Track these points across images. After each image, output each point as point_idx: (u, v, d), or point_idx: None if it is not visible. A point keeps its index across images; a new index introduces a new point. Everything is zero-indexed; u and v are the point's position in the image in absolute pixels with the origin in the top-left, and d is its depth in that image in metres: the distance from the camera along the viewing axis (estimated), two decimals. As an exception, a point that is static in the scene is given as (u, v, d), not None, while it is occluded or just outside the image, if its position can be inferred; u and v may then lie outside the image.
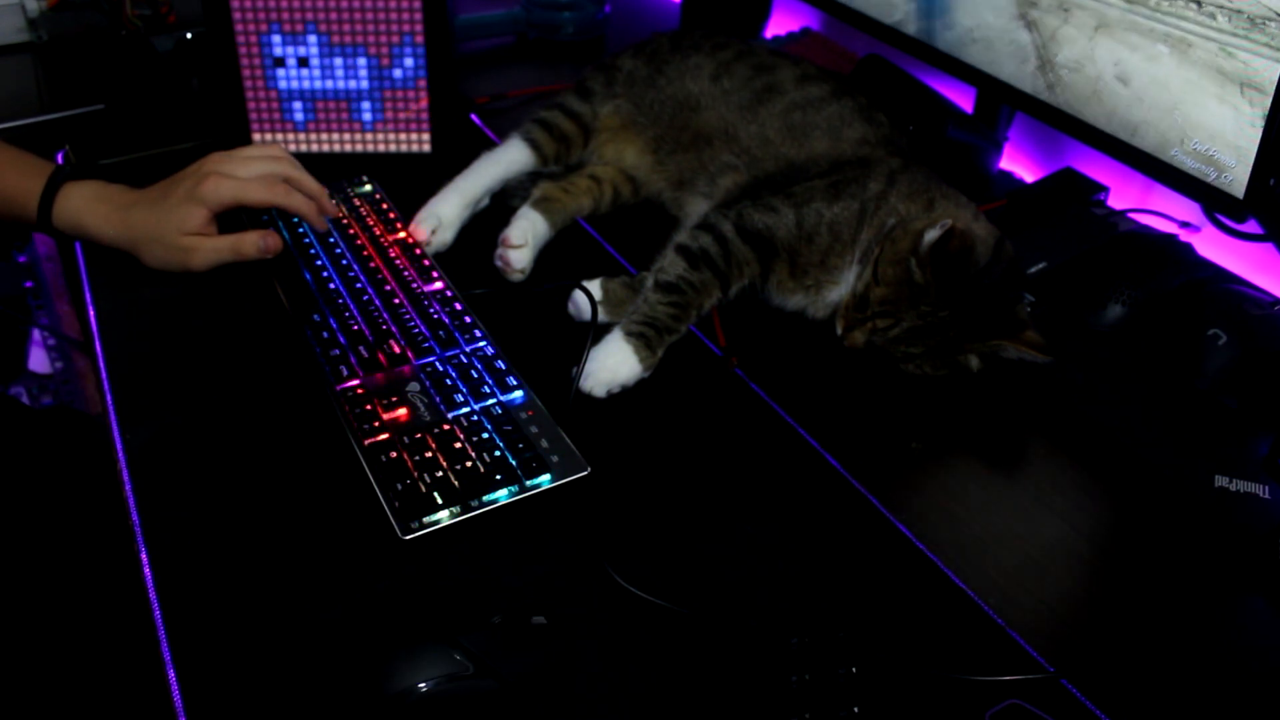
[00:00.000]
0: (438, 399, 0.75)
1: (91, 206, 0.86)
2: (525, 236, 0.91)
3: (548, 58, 1.38)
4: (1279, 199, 0.76)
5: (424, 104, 1.06)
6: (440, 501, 0.67)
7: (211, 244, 0.85)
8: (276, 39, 1.02)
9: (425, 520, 0.66)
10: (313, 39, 1.02)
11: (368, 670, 0.56)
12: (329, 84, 1.05)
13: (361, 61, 1.04)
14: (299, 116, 1.06)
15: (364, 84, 1.05)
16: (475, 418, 0.74)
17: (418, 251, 0.91)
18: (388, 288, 0.86)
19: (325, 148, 1.08)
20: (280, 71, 1.04)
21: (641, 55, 1.05)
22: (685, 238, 0.87)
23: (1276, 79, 0.73)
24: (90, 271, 0.89)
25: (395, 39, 1.03)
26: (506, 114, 1.19)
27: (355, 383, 0.76)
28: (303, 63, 1.03)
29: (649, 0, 1.58)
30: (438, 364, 0.79)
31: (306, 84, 1.05)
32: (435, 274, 0.88)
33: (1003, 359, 0.81)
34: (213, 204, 0.85)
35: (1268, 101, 0.74)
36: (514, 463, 0.70)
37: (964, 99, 1.11)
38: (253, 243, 0.86)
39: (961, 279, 0.78)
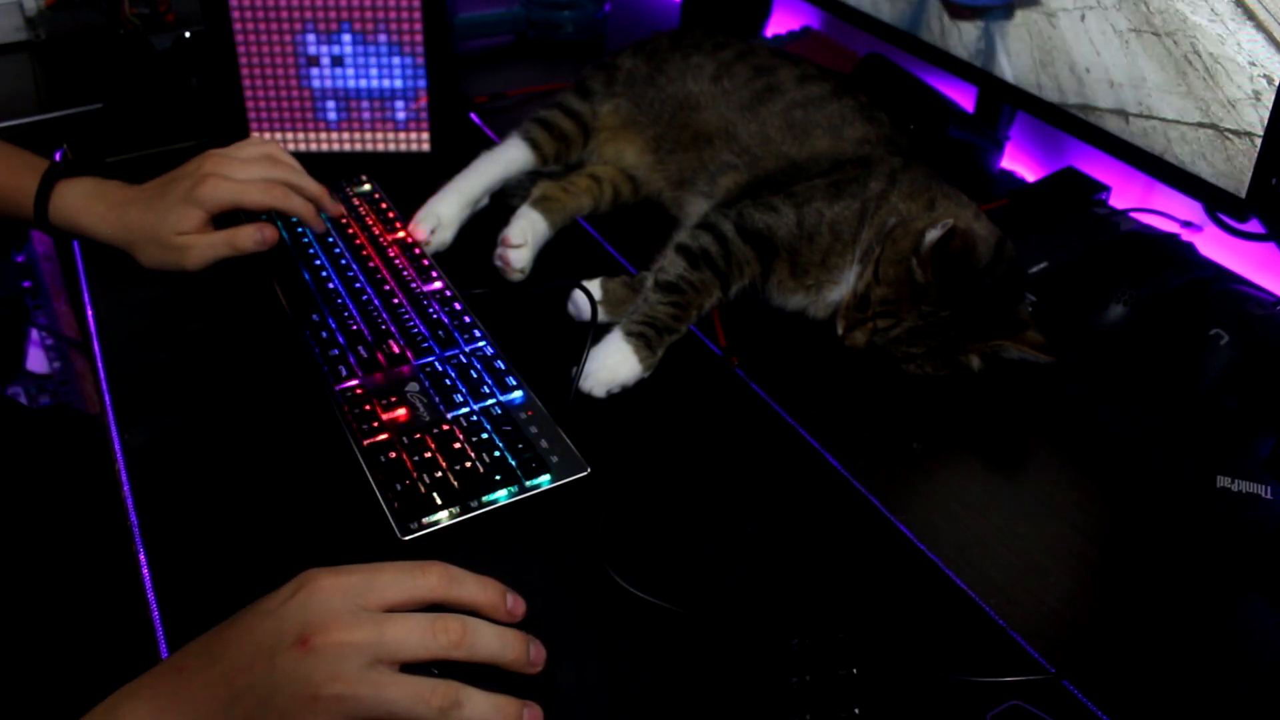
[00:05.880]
0: (437, 399, 0.75)
1: (87, 204, 0.86)
2: (525, 236, 0.91)
3: (547, 57, 1.37)
4: (1281, 198, 0.76)
5: (423, 103, 1.06)
6: (440, 502, 0.67)
7: (207, 240, 0.85)
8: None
9: (425, 521, 0.66)
10: (311, 38, 1.02)
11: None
12: (328, 84, 1.04)
13: (361, 61, 1.04)
14: (297, 115, 1.06)
15: (363, 83, 1.05)
16: (474, 418, 0.74)
17: (417, 251, 0.91)
18: (387, 288, 0.86)
19: (324, 147, 1.08)
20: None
21: (641, 54, 1.05)
22: (685, 237, 0.87)
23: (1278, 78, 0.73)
24: (88, 271, 0.89)
25: (394, 38, 1.03)
26: (506, 113, 1.19)
27: (354, 383, 0.76)
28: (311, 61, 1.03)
29: (649, 0, 1.57)
30: (437, 364, 0.78)
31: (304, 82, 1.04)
32: (434, 274, 0.88)
33: (1004, 359, 0.81)
34: (210, 206, 0.84)
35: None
36: (513, 463, 0.70)
37: (965, 98, 1.11)
38: (248, 235, 0.85)
39: (963, 279, 0.78)
